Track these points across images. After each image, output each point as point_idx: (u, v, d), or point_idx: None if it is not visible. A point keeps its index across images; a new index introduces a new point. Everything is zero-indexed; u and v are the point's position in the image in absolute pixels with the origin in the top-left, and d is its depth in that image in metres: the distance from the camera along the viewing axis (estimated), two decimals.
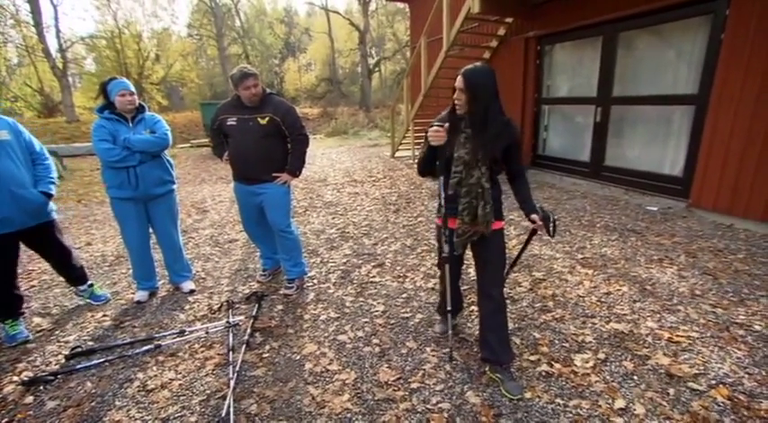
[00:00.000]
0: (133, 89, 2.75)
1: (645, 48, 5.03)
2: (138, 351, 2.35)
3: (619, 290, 2.88)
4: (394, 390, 1.99)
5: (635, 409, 1.80)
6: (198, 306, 2.92)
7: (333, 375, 2.12)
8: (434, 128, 1.85)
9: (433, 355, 2.25)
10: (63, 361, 2.32)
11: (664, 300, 2.71)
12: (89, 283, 3.00)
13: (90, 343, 2.50)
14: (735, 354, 2.14)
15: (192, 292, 3.11)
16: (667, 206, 4.68)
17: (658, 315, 2.54)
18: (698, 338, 2.29)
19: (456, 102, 1.85)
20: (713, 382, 1.94)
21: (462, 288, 2.68)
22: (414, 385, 2.02)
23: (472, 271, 2.97)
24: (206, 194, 6.57)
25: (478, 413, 1.82)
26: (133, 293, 3.08)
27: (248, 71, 2.64)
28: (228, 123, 2.77)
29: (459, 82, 1.80)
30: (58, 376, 2.16)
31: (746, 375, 1.98)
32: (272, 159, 2.87)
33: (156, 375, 2.17)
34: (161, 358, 2.31)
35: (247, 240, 4.15)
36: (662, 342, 2.27)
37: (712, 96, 4.15)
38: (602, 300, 2.76)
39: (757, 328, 2.35)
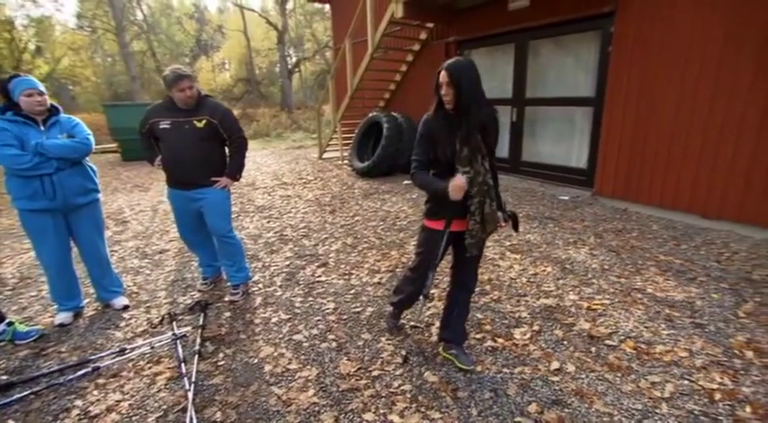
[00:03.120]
0: (42, 88, 2.47)
1: (551, 55, 5.66)
2: (71, 377, 2.13)
3: (544, 270, 3.25)
4: (357, 379, 2.07)
5: (567, 368, 2.09)
6: (135, 322, 2.72)
7: (294, 374, 2.14)
8: (462, 182, 1.75)
9: (389, 344, 2.37)
10: None
11: (581, 276, 3.13)
12: (7, 321, 2.55)
13: (4, 377, 2.21)
14: (636, 313, 2.57)
15: (125, 307, 2.88)
16: (576, 195, 5.33)
17: (578, 289, 2.93)
18: (609, 305, 2.69)
19: (444, 97, 1.82)
20: (622, 337, 2.33)
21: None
22: (375, 373, 2.12)
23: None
24: (122, 204, 6.00)
25: (438, 390, 1.98)
26: (52, 317, 2.77)
27: (182, 73, 2.53)
28: (161, 126, 2.63)
29: (443, 77, 1.78)
30: None
31: (645, 329, 2.40)
32: (209, 163, 2.78)
33: (98, 400, 1.99)
34: (101, 381, 2.13)
35: (180, 250, 3.93)
36: (583, 311, 2.63)
37: (606, 99, 4.83)
38: (531, 280, 3.10)
39: (650, 290, 2.84)
